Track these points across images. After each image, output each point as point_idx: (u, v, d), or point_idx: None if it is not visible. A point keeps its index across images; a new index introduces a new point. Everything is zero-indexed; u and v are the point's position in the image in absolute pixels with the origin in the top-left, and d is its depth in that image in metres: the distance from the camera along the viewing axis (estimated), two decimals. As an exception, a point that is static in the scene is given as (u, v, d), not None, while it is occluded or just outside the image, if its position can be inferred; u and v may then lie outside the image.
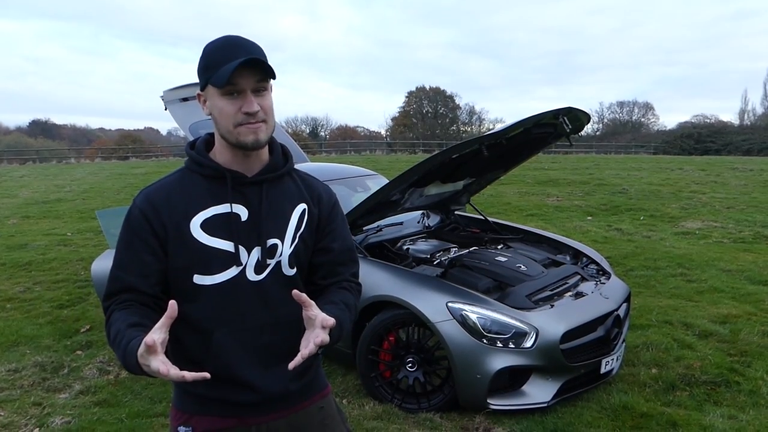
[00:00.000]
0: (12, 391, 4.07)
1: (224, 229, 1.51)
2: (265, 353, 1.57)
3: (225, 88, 1.43)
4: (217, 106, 1.46)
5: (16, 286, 6.86)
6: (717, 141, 44.58)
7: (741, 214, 11.59)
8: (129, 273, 1.49)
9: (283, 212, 1.59)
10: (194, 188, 1.52)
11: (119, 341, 1.37)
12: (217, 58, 1.44)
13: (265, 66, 1.43)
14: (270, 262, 1.55)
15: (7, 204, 14.93)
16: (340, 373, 4.29)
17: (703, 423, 3.51)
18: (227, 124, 1.46)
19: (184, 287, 1.51)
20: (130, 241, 1.50)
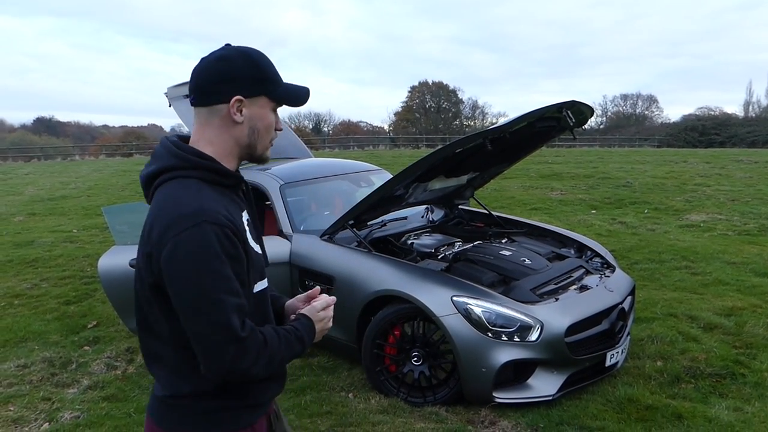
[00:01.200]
0: (21, 386, 4.11)
1: (254, 233, 1.55)
2: None
3: (277, 105, 1.52)
4: (266, 119, 1.49)
5: (24, 282, 6.90)
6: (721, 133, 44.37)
7: (746, 206, 11.56)
8: (242, 297, 1.39)
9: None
10: (225, 199, 1.45)
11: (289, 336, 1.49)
12: (274, 75, 1.50)
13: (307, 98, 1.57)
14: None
15: (13, 201, 14.99)
16: (346, 367, 4.32)
17: (709, 415, 3.52)
18: (268, 138, 1.52)
19: (249, 300, 1.46)
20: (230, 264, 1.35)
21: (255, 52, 1.49)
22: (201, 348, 1.35)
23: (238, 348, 1.34)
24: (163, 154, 1.45)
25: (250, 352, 1.36)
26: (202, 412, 1.47)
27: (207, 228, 1.31)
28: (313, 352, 4.57)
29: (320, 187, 5.18)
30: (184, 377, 1.44)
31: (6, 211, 13.27)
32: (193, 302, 1.32)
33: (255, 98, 1.46)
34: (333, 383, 4.09)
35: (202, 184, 1.41)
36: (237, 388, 1.48)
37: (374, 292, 3.87)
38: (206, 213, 1.33)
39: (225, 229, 1.34)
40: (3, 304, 6.05)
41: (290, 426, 1.94)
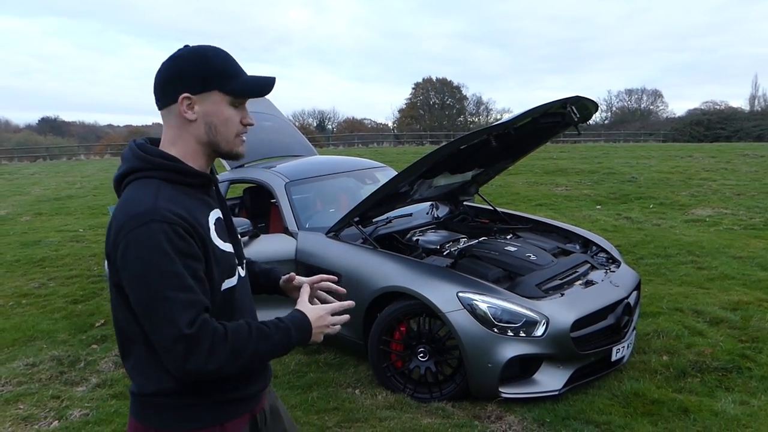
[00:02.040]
0: (31, 384, 4.14)
1: (224, 232, 1.54)
2: None
3: (237, 99, 1.48)
4: (222, 114, 1.47)
5: (31, 282, 6.94)
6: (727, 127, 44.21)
7: (752, 200, 11.53)
8: (197, 293, 1.36)
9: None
10: (188, 198, 1.46)
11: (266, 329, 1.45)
12: (228, 69, 1.46)
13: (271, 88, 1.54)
14: (243, 254, 1.67)
15: (20, 201, 15.06)
16: (353, 363, 4.33)
17: (715, 409, 3.53)
18: (229, 134, 1.49)
19: (216, 296, 1.47)
20: (181, 262, 1.34)
21: (208, 49, 1.47)
22: (157, 346, 1.36)
23: (186, 345, 1.32)
24: (129, 156, 1.49)
25: (201, 348, 1.33)
26: (171, 408, 1.48)
27: (155, 226, 1.33)
28: (319, 349, 4.59)
29: (325, 184, 5.19)
30: (150, 375, 1.46)
31: (13, 211, 13.34)
32: (143, 300, 1.34)
33: (206, 94, 1.45)
34: (340, 380, 4.11)
35: (163, 184, 1.43)
36: (200, 386, 1.47)
37: (380, 289, 3.88)
38: (156, 212, 1.34)
39: (175, 226, 1.34)
40: (11, 304, 6.09)
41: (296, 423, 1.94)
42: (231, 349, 1.37)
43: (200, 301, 1.36)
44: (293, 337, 1.49)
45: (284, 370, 4.26)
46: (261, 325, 1.46)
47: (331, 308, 1.62)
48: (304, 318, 1.54)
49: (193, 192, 1.48)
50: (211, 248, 1.45)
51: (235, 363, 1.38)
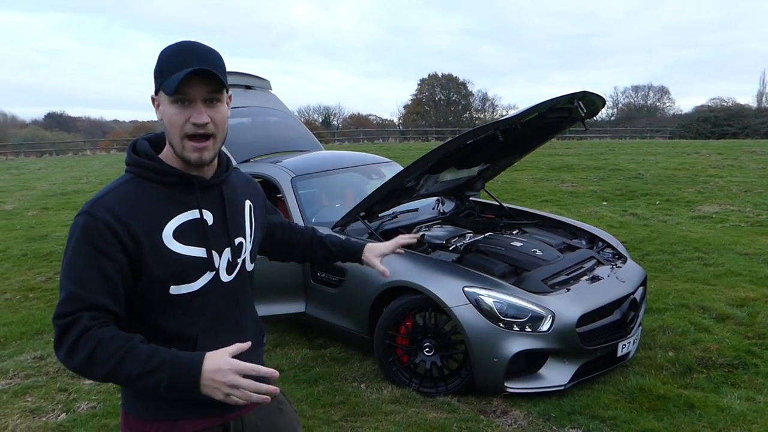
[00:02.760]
0: (38, 377, 4.16)
1: (195, 235, 1.49)
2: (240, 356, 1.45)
3: (174, 96, 1.39)
4: (167, 113, 1.42)
5: (38, 276, 6.98)
6: (734, 124, 43.96)
7: (759, 197, 11.48)
8: (94, 291, 1.36)
9: (241, 210, 1.64)
10: (155, 197, 1.46)
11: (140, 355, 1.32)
12: (170, 64, 1.40)
13: (215, 77, 1.39)
14: (239, 261, 1.59)
15: (26, 196, 15.13)
16: (358, 358, 4.34)
17: (721, 405, 3.53)
18: (175, 134, 1.43)
19: (159, 299, 1.46)
20: (91, 257, 1.36)
21: (169, 46, 1.45)
22: None
23: (57, 333, 1.35)
24: (127, 151, 1.56)
25: (65, 342, 1.34)
26: (134, 395, 1.52)
27: (83, 218, 1.39)
28: (325, 344, 4.60)
29: (331, 179, 5.19)
30: None
31: (19, 205, 13.40)
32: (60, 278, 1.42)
33: (159, 94, 1.44)
34: (345, 374, 4.12)
35: (137, 180, 1.48)
36: None
37: (386, 284, 3.89)
38: (92, 206, 1.40)
39: (98, 223, 1.37)
40: (18, 297, 6.13)
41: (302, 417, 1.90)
42: (89, 356, 1.32)
43: (87, 298, 1.35)
44: (164, 375, 1.31)
45: (290, 364, 4.28)
46: (141, 348, 1.34)
47: (242, 367, 1.32)
48: (195, 362, 1.32)
49: (166, 190, 1.48)
50: (154, 248, 1.42)
51: (93, 371, 1.34)
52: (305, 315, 4.48)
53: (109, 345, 1.32)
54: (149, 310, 1.47)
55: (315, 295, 4.38)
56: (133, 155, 1.51)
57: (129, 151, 1.53)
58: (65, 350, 1.34)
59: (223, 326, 1.56)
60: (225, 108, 1.48)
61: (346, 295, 4.17)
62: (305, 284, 4.43)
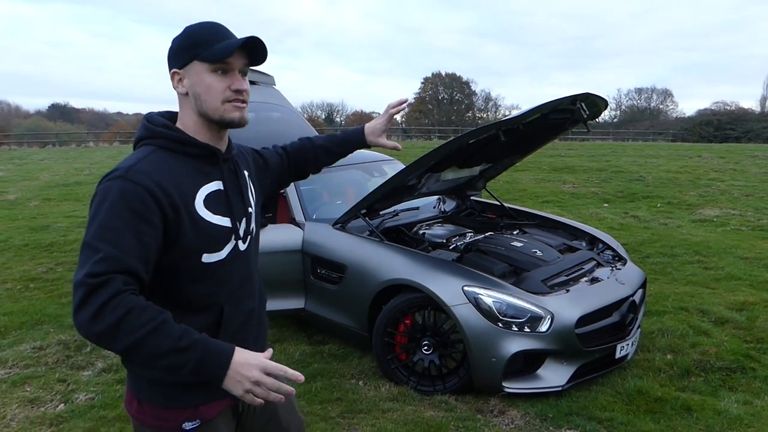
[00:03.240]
0: (37, 367, 4.18)
1: (221, 204, 1.54)
2: (253, 318, 1.67)
3: (216, 65, 1.46)
4: (204, 82, 1.47)
5: (39, 266, 6.99)
6: (737, 128, 43.97)
7: (760, 201, 11.48)
8: (129, 256, 1.32)
9: (245, 181, 1.70)
10: (183, 167, 1.49)
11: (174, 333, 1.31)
12: (208, 38, 1.47)
13: (262, 50, 1.50)
14: (251, 229, 1.66)
15: (29, 186, 15.13)
16: (357, 355, 4.35)
17: (718, 408, 3.53)
18: (214, 101, 1.48)
19: (191, 268, 1.49)
20: (130, 222, 1.34)
21: (196, 24, 1.52)
22: None
23: (81, 294, 1.27)
24: (140, 127, 1.57)
25: (92, 304, 1.26)
26: (148, 382, 1.54)
27: (119, 183, 1.37)
28: (323, 340, 4.61)
29: (333, 176, 5.19)
30: None
31: (22, 196, 13.41)
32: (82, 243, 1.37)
33: (188, 66, 1.49)
34: (344, 370, 4.13)
35: (160, 150, 1.49)
36: None
37: (385, 281, 3.90)
38: (128, 171, 1.39)
39: (138, 188, 1.36)
40: (19, 287, 6.14)
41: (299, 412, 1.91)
42: (117, 321, 1.26)
43: (123, 261, 1.31)
44: (194, 357, 1.31)
45: (288, 360, 4.29)
46: (173, 324, 1.32)
47: (269, 366, 1.35)
48: (226, 352, 1.35)
49: (191, 161, 1.52)
50: (190, 217, 1.45)
51: (116, 339, 1.27)
52: (304, 311, 4.49)
53: (141, 314, 1.29)
54: (178, 279, 1.48)
55: (314, 292, 4.39)
56: (152, 126, 1.53)
57: (144, 123, 1.54)
58: (91, 312, 1.26)
59: (242, 294, 1.62)
60: None
61: (346, 292, 4.17)
62: (305, 280, 4.43)
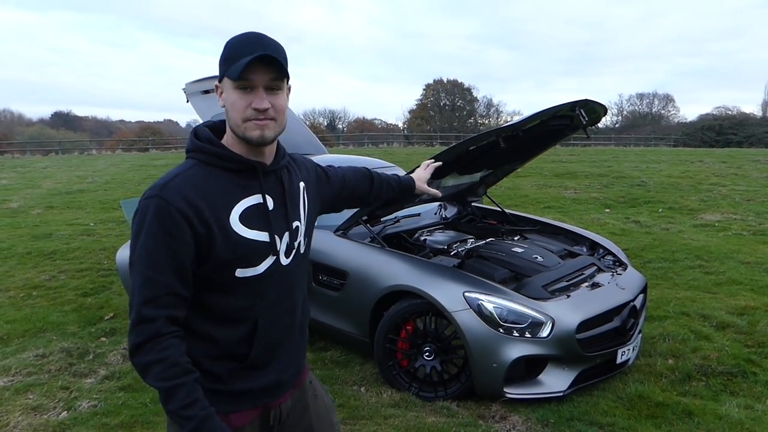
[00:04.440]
0: (40, 375, 4.19)
1: (259, 219, 1.53)
2: (291, 334, 1.67)
3: (238, 82, 1.45)
4: (229, 98, 1.48)
5: (42, 274, 7.01)
6: (739, 133, 43.97)
7: (762, 206, 11.47)
8: (168, 276, 1.42)
9: (297, 194, 1.68)
10: (219, 182, 1.50)
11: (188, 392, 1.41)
12: (236, 52, 1.46)
13: (279, 64, 1.45)
14: (295, 244, 1.63)
15: (31, 194, 15.18)
16: (358, 361, 4.36)
17: (719, 412, 3.53)
18: (236, 118, 1.48)
19: (224, 282, 1.51)
20: (165, 243, 1.41)
21: (234, 36, 1.51)
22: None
23: (132, 323, 1.41)
24: (188, 139, 1.59)
25: (134, 334, 1.40)
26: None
27: (155, 202, 1.41)
28: (325, 347, 4.62)
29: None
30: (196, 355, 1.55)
31: (24, 204, 13.45)
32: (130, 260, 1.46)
33: (223, 81, 1.51)
34: (345, 377, 4.13)
35: (202, 165, 1.51)
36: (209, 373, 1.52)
37: (387, 288, 3.91)
38: (163, 188, 1.43)
39: (171, 207, 1.41)
40: (22, 295, 6.16)
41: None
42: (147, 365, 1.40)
43: (161, 282, 1.41)
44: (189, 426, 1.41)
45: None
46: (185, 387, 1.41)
47: None
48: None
49: (231, 176, 1.52)
50: (223, 233, 1.47)
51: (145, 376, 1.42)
52: (306, 317, 4.49)
53: (167, 369, 1.40)
54: (213, 291, 1.51)
55: (316, 298, 4.41)
56: (196, 141, 1.55)
57: (191, 137, 1.57)
58: (133, 342, 1.40)
59: (281, 308, 1.62)
60: (285, 96, 1.53)
61: (347, 299, 4.19)
62: (308, 287, 4.44)
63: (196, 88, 5.75)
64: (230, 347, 1.55)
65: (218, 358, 1.54)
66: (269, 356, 1.61)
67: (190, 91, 5.85)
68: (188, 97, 5.86)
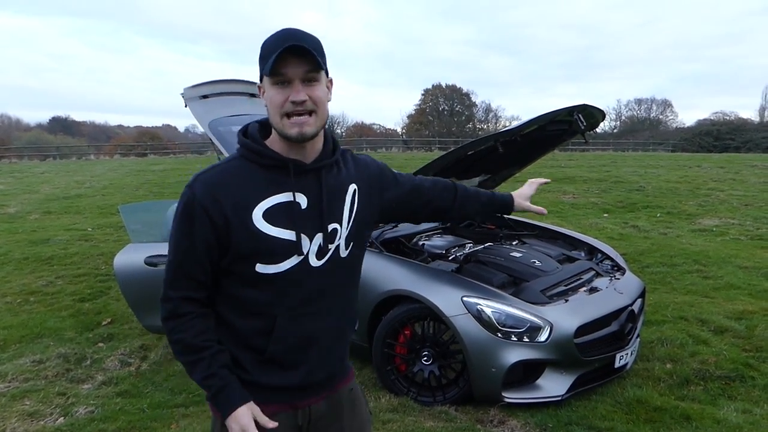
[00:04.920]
0: (37, 381, 4.18)
1: (286, 218, 1.52)
2: (321, 337, 1.63)
3: (274, 78, 1.45)
4: (268, 95, 1.48)
5: (39, 279, 7.00)
6: (736, 138, 44.06)
7: (759, 211, 11.50)
8: (188, 262, 1.52)
9: (340, 196, 1.62)
10: (253, 177, 1.52)
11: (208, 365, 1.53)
12: (270, 48, 1.45)
13: (311, 55, 1.43)
14: (330, 247, 1.59)
15: (29, 199, 15.16)
16: (357, 366, 4.34)
17: (717, 417, 3.53)
18: (275, 115, 1.48)
19: (245, 274, 1.53)
20: (188, 232, 1.50)
21: (272, 33, 1.50)
22: None
23: (160, 297, 1.56)
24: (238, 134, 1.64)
25: (162, 307, 1.55)
26: None
27: (186, 191, 1.51)
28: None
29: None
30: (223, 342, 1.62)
31: (22, 209, 13.44)
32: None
33: (263, 80, 1.51)
34: (343, 382, 4.12)
35: (242, 159, 1.55)
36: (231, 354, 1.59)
37: (385, 292, 3.90)
38: (196, 180, 1.51)
39: (195, 200, 1.48)
40: (19, 301, 6.14)
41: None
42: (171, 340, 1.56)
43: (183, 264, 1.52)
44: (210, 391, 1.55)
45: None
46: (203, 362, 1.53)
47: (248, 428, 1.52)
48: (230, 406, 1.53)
49: (265, 172, 1.53)
50: (243, 226, 1.49)
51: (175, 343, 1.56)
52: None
53: (184, 349, 1.54)
54: (235, 282, 1.55)
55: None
56: (242, 137, 1.58)
57: (239, 133, 1.60)
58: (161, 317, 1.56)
59: (305, 310, 1.58)
60: (324, 88, 1.51)
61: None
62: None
63: (195, 93, 5.73)
64: (249, 339, 1.57)
65: (239, 347, 1.58)
66: (293, 356, 1.60)
67: (188, 96, 5.83)
68: (187, 102, 5.85)
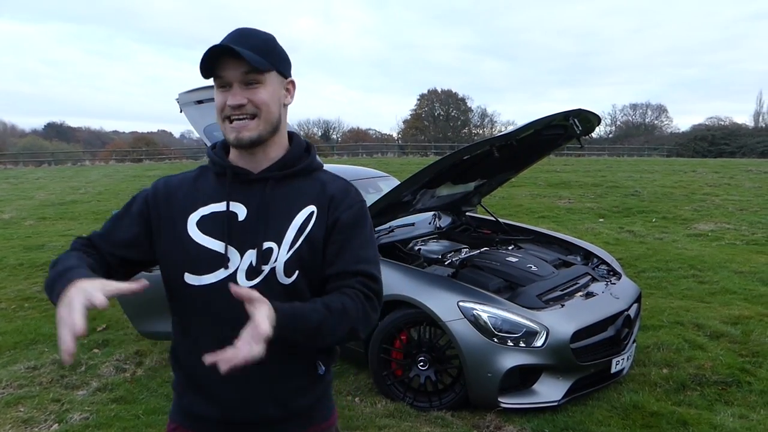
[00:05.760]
0: (31, 387, 4.15)
1: (218, 228, 1.40)
2: (251, 370, 1.22)
3: (216, 81, 1.37)
4: (215, 100, 1.41)
5: (34, 285, 6.97)
6: (731, 143, 44.21)
7: (754, 215, 11.53)
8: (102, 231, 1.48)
9: (287, 213, 1.42)
10: (203, 184, 1.46)
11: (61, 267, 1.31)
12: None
13: (246, 55, 1.31)
14: (264, 268, 1.38)
15: (24, 205, 15.11)
16: (353, 371, 4.34)
17: (714, 422, 3.53)
18: (218, 119, 1.40)
19: (175, 285, 1.43)
20: (121, 215, 1.49)
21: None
22: None
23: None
24: None
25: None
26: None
27: (146, 188, 1.53)
28: (320, 357, 4.60)
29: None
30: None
31: (17, 215, 13.39)
32: None
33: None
34: (339, 387, 4.11)
35: (205, 168, 1.53)
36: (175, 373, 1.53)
37: (381, 297, 3.89)
38: (159, 180, 1.53)
39: (145, 191, 1.50)
40: (14, 307, 6.12)
41: None
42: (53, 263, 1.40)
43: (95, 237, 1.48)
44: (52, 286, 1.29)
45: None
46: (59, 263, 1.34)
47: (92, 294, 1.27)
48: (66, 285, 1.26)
49: (217, 180, 1.47)
50: (174, 231, 1.43)
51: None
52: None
53: (56, 263, 1.36)
54: (169, 293, 1.48)
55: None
56: (208, 147, 1.58)
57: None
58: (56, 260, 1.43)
59: (229, 334, 1.20)
60: (271, 90, 1.38)
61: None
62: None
63: (190, 98, 5.73)
64: (181, 357, 1.49)
65: (177, 365, 1.51)
66: (217, 384, 1.39)
67: (183, 102, 5.83)
68: (181, 107, 5.85)
